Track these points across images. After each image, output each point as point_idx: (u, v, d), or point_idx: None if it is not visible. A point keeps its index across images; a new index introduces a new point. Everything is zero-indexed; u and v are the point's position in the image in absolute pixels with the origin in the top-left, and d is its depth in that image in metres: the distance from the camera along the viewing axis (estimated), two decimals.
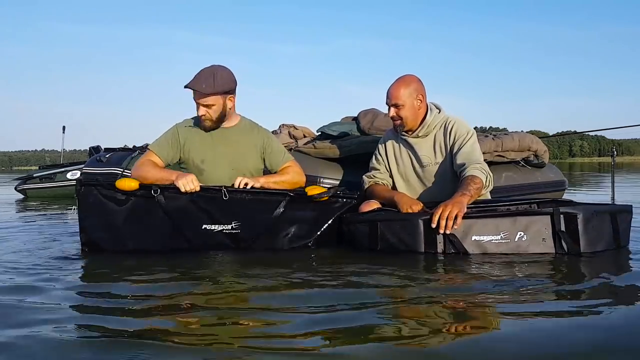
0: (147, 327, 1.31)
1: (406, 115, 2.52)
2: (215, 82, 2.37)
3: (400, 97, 2.49)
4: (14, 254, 2.36)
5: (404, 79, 2.54)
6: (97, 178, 4.98)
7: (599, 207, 2.23)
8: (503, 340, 1.22)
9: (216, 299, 1.59)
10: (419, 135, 2.59)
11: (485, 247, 2.13)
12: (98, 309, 1.49)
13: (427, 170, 2.59)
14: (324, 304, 1.49)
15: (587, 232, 2.10)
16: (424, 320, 1.35)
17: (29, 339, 1.22)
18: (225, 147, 2.51)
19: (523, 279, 1.75)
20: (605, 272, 1.83)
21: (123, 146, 6.17)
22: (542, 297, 1.54)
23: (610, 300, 1.53)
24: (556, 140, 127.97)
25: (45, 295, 1.61)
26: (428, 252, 2.17)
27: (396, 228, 2.24)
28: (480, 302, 1.50)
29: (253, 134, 2.57)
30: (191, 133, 2.52)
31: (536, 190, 3.61)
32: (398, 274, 1.86)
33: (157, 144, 2.52)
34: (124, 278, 1.87)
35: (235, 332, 1.30)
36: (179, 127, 2.54)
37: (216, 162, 2.50)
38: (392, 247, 2.24)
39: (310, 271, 1.95)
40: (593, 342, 1.18)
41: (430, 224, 2.14)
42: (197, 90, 2.37)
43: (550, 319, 1.35)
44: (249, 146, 2.55)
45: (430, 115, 2.56)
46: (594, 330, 1.26)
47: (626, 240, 2.26)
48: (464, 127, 2.53)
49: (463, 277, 1.83)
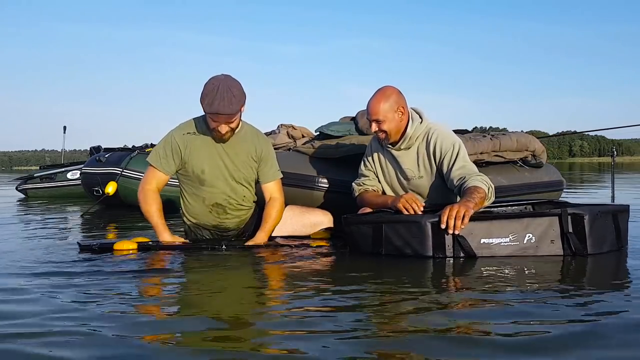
0: (149, 326, 1.33)
1: (389, 129, 2.46)
2: (235, 98, 2.29)
3: (381, 112, 2.43)
4: (14, 254, 2.38)
5: (383, 92, 2.47)
6: (97, 179, 5.01)
7: (601, 207, 2.21)
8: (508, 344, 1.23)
9: (209, 303, 1.60)
10: (401, 148, 2.55)
11: (494, 249, 2.09)
12: (100, 309, 1.50)
13: (412, 183, 2.57)
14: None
15: (593, 232, 2.09)
16: (425, 321, 1.36)
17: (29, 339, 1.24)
18: (225, 159, 2.47)
19: (534, 284, 1.74)
20: (613, 274, 1.84)
21: (123, 146, 6.18)
22: (553, 302, 1.50)
23: (619, 305, 1.47)
24: (556, 140, 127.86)
25: (45, 294, 1.62)
26: (436, 257, 2.09)
27: (402, 230, 2.15)
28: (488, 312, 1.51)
29: (252, 142, 2.52)
30: (190, 141, 2.44)
31: (534, 190, 3.61)
32: (403, 282, 1.84)
33: (157, 158, 2.45)
34: (125, 277, 1.88)
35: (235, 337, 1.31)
36: (176, 135, 2.45)
37: (216, 174, 2.48)
38: (398, 251, 2.15)
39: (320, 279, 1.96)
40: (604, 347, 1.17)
41: (438, 227, 2.07)
42: (229, 113, 2.28)
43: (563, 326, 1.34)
44: (247, 157, 2.50)
45: (412, 127, 2.50)
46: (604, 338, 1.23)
47: (626, 240, 2.26)
48: (448, 140, 2.47)
49: (475, 285, 1.83)
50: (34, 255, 2.32)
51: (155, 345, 1.19)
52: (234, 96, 2.28)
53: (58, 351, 1.16)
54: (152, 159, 2.47)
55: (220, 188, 2.49)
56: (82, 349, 1.17)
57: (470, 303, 1.50)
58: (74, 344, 1.20)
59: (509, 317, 1.36)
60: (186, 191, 2.56)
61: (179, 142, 2.43)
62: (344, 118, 3.87)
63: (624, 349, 1.14)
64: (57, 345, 1.19)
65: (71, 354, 1.14)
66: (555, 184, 3.80)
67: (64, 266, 2.06)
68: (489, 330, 1.26)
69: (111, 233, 3.41)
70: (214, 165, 2.46)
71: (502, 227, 2.10)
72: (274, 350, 1.16)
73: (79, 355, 1.13)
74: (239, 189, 2.54)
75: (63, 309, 1.47)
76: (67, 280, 1.81)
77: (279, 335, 1.25)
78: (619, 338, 1.20)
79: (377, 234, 2.20)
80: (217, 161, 2.46)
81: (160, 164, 2.45)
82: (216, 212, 2.55)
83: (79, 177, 6.19)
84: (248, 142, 2.50)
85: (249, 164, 2.52)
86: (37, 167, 8.72)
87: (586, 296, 1.57)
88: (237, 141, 2.47)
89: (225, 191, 2.50)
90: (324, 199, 3.37)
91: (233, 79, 2.35)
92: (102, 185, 4.85)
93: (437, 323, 1.31)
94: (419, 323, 1.32)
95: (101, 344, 1.20)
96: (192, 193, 2.54)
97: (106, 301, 1.55)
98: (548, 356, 1.11)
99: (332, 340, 1.20)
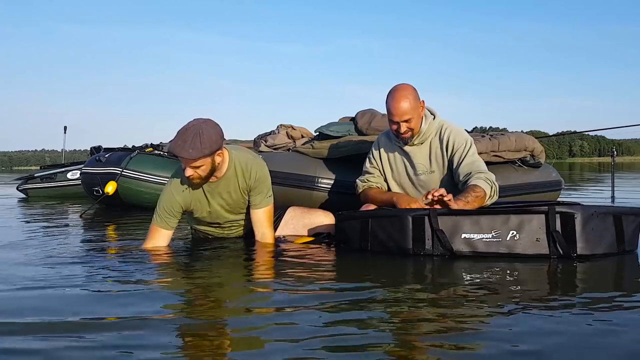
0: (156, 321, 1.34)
1: (416, 126, 2.48)
2: (202, 144, 2.20)
3: (408, 112, 2.42)
4: (14, 254, 2.39)
5: (403, 91, 2.45)
6: (97, 179, 5.01)
7: (601, 208, 2.13)
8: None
9: (205, 306, 1.61)
10: (414, 143, 2.56)
11: (475, 245, 2.07)
12: (100, 307, 1.51)
13: (422, 178, 2.57)
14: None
15: (585, 233, 2.02)
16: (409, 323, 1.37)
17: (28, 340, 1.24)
18: (221, 201, 2.49)
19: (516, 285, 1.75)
20: (603, 280, 1.81)
21: (123, 146, 6.19)
22: (534, 306, 1.52)
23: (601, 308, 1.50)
24: (556, 140, 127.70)
25: (45, 293, 1.63)
26: (417, 253, 2.13)
27: (386, 225, 2.21)
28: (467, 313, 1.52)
29: (243, 178, 2.46)
30: (189, 196, 2.43)
31: (533, 190, 3.62)
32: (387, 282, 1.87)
33: (160, 220, 2.43)
34: (124, 278, 1.89)
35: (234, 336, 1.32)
36: (176, 193, 2.41)
37: (216, 214, 2.54)
38: (382, 245, 2.21)
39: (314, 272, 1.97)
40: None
41: (419, 221, 2.12)
42: (184, 157, 2.22)
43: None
44: (239, 192, 2.49)
45: (425, 122, 2.53)
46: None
47: (634, 244, 2.16)
48: (461, 137, 2.50)
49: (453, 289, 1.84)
50: (34, 255, 2.33)
51: (155, 342, 1.20)
52: (201, 141, 2.19)
53: (59, 350, 1.17)
54: (157, 222, 2.44)
55: (221, 221, 2.59)
56: (83, 348, 1.18)
57: (461, 302, 1.51)
58: (74, 343, 1.20)
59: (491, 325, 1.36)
60: (190, 216, 2.64)
61: (181, 201, 2.43)
62: (343, 118, 3.88)
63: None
64: (57, 345, 1.19)
65: (71, 353, 1.15)
66: (553, 184, 3.81)
67: (64, 265, 2.07)
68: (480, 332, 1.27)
69: (111, 233, 3.42)
70: (213, 210, 2.51)
71: (484, 222, 2.08)
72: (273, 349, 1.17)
73: (79, 354, 1.14)
74: (238, 216, 2.61)
75: (63, 308, 1.48)
76: (67, 280, 1.81)
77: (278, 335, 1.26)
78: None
79: (364, 229, 2.26)
80: (214, 206, 2.50)
81: (165, 224, 2.43)
82: (220, 229, 2.66)
83: (79, 177, 6.20)
84: (238, 179, 2.45)
85: (242, 194, 2.51)
86: (37, 167, 8.74)
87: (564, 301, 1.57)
88: (227, 182, 2.44)
89: (225, 222, 2.61)
90: (323, 199, 3.38)
91: (209, 123, 2.27)
92: (102, 185, 4.85)
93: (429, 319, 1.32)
94: (414, 320, 1.33)
95: (101, 343, 1.20)
96: (196, 220, 2.63)
97: (106, 300, 1.56)
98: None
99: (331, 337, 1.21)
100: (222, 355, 1.14)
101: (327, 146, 3.43)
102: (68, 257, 2.28)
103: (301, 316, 1.39)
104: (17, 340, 1.23)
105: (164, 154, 5.10)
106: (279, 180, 3.25)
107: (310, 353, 1.14)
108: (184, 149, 2.19)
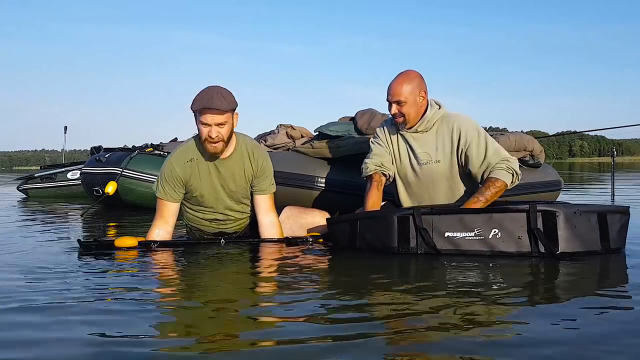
0: (156, 321, 1.34)
1: (408, 112, 2.43)
2: (225, 99, 2.27)
3: (403, 94, 2.40)
4: (13, 253, 2.39)
5: (407, 74, 2.45)
6: (97, 179, 5.02)
7: (584, 206, 2.14)
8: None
9: (206, 303, 1.62)
10: (418, 131, 2.49)
11: (458, 243, 2.12)
12: (103, 307, 1.52)
13: (425, 167, 2.48)
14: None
15: (567, 231, 2.03)
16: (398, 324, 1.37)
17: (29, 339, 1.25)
18: (223, 182, 2.47)
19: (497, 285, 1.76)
20: (583, 278, 1.81)
21: (123, 146, 6.19)
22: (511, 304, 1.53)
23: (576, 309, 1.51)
24: (556, 140, 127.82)
25: (45, 293, 1.64)
26: (403, 251, 2.18)
27: (373, 225, 2.27)
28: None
29: (249, 161, 2.48)
30: (189, 169, 2.43)
31: (532, 190, 3.63)
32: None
33: (162, 191, 2.45)
34: (124, 276, 1.90)
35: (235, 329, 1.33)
36: (176, 166, 2.42)
37: (214, 197, 2.50)
38: (369, 244, 2.27)
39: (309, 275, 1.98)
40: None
41: (404, 220, 2.16)
42: (216, 108, 2.23)
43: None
44: (243, 176, 2.49)
45: (431, 110, 2.47)
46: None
47: (619, 243, 2.15)
48: (473, 128, 2.44)
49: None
50: (34, 255, 2.33)
51: (155, 340, 1.21)
52: (225, 97, 2.26)
53: (58, 350, 1.17)
54: (160, 193, 2.45)
55: (219, 209, 2.54)
56: (83, 346, 1.18)
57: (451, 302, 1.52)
58: (74, 342, 1.21)
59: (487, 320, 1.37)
60: (187, 204, 2.59)
61: (181, 174, 2.42)
62: (343, 118, 3.89)
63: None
64: (57, 344, 1.20)
65: (71, 352, 1.16)
66: (553, 184, 3.82)
67: (64, 265, 2.07)
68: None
69: (111, 232, 3.42)
70: (212, 190, 2.48)
71: (467, 221, 2.12)
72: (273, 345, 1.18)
73: (78, 353, 1.15)
74: (236, 206, 2.57)
75: (63, 308, 1.49)
76: (67, 280, 1.82)
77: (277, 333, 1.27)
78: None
79: (352, 230, 2.32)
80: (215, 186, 2.47)
81: (167, 195, 2.44)
82: (216, 224, 2.61)
83: (79, 177, 6.21)
84: (244, 162, 2.47)
85: (246, 182, 2.51)
86: (37, 167, 8.74)
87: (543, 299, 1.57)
88: (232, 163, 2.45)
89: (223, 210, 2.56)
90: (323, 199, 3.39)
91: (225, 88, 2.34)
92: (102, 185, 4.86)
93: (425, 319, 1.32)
94: (412, 318, 1.34)
95: (101, 341, 1.21)
96: (192, 208, 2.58)
97: (106, 298, 1.56)
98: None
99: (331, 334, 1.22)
100: (222, 354, 1.15)
101: (326, 146, 3.44)
102: (68, 256, 2.28)
103: (301, 314, 1.39)
104: (16, 338, 1.23)
105: (164, 154, 5.10)
106: (279, 180, 3.24)
107: (310, 353, 1.14)
108: (213, 102, 2.23)
